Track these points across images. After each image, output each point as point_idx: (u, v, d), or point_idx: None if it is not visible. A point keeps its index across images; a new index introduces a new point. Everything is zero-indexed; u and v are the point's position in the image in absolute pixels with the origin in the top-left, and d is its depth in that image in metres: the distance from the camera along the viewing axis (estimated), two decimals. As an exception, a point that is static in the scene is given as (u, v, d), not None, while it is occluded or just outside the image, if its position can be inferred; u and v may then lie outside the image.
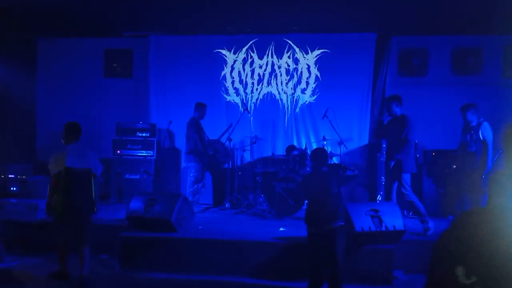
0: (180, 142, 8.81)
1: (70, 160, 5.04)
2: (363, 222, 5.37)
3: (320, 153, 5.28)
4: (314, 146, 8.63)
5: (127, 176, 8.50)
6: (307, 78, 8.91)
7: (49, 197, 5.10)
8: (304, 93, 8.93)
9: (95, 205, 5.30)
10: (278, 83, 8.99)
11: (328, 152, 6.79)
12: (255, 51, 9.00)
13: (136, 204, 6.07)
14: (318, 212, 4.89)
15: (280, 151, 8.83)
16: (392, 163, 6.42)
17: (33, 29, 8.93)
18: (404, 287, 5.30)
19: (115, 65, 9.38)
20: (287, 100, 8.98)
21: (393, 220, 5.45)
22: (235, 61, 9.06)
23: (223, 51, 9.07)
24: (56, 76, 9.48)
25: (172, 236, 5.88)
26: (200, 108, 8.04)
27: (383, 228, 5.39)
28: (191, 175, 7.96)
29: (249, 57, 9.02)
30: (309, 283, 4.92)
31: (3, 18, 8.14)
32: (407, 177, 6.42)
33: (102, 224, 6.48)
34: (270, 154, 8.70)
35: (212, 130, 8.38)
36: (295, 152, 7.68)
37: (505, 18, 7.22)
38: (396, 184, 6.46)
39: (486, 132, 6.89)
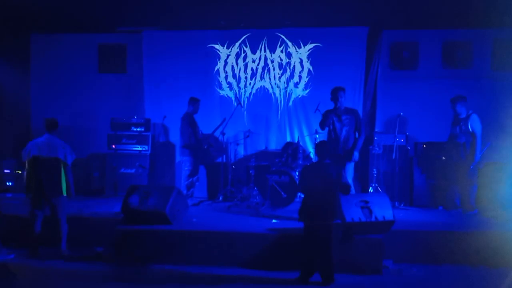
0: (175, 137, 8.90)
1: (36, 149, 5.92)
2: (353, 213, 5.48)
3: (325, 145, 5.41)
4: (307, 139, 8.73)
5: (122, 170, 8.58)
6: (300, 72, 9.00)
7: (26, 181, 6.00)
8: (297, 87, 9.02)
9: (68, 189, 6.03)
10: (271, 77, 9.07)
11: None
12: (248, 46, 9.07)
13: (131, 197, 6.16)
14: (318, 204, 5.00)
15: (273, 145, 8.94)
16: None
17: (26, 24, 8.97)
18: (393, 276, 5.40)
19: (109, 60, 9.42)
20: (280, 94, 9.06)
21: (383, 210, 5.57)
22: (228, 55, 9.13)
23: (216, 46, 9.14)
24: (50, 72, 9.51)
25: (166, 228, 5.97)
26: (194, 102, 8.13)
27: (373, 219, 5.50)
28: (186, 168, 8.06)
29: (242, 51, 9.10)
30: (301, 273, 5.04)
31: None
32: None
33: (98, 218, 6.60)
34: (264, 148, 8.80)
35: (206, 124, 8.47)
36: (293, 147, 7.79)
37: (494, 11, 7.34)
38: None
39: (475, 124, 7.02)
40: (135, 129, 8.73)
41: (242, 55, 9.09)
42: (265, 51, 9.03)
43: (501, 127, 7.83)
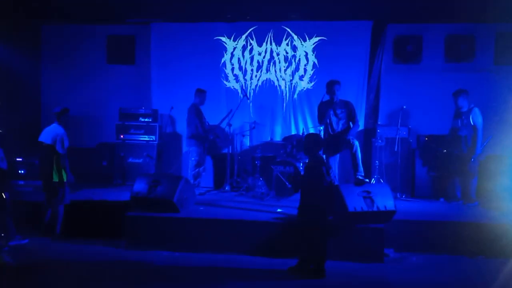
0: (182, 127, 9.05)
1: (41, 135, 6.44)
2: (355, 203, 5.63)
3: (314, 138, 5.42)
4: (312, 131, 8.85)
5: (130, 160, 8.77)
6: (305, 65, 9.11)
7: None
8: (302, 80, 9.13)
9: (57, 176, 6.25)
10: (276, 70, 9.18)
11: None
12: (254, 39, 9.17)
13: (140, 186, 6.34)
14: (317, 200, 5.06)
15: (279, 136, 9.06)
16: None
17: (37, 15, 9.08)
18: (394, 264, 5.58)
19: (118, 51, 9.54)
20: (286, 87, 9.19)
21: (384, 200, 5.72)
22: (234, 48, 9.25)
23: (223, 38, 9.26)
24: (60, 62, 9.65)
25: (174, 216, 6.17)
26: (200, 94, 8.27)
27: (375, 208, 5.65)
28: (193, 159, 8.22)
29: (248, 44, 9.20)
30: (301, 261, 5.15)
31: (8, 6, 8.32)
32: None
33: (107, 205, 6.78)
34: (269, 139, 8.93)
35: (213, 115, 8.62)
36: (297, 139, 7.95)
37: (497, 6, 7.44)
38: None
39: (476, 117, 7.14)
40: (143, 120, 8.90)
41: (248, 47, 9.20)
42: (271, 44, 9.13)
43: (502, 120, 7.97)
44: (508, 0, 7.25)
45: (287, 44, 9.10)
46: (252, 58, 9.22)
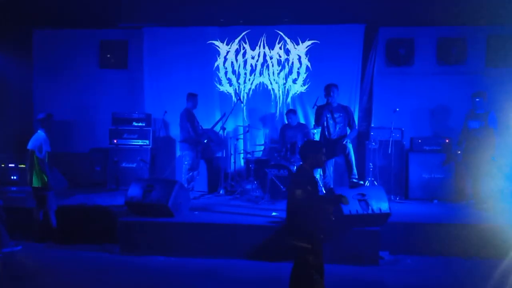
0: (175, 132, 9.02)
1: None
2: (350, 206, 5.60)
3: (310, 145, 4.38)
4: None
5: (123, 164, 8.74)
6: (298, 69, 9.13)
7: None
8: (295, 83, 9.16)
9: (37, 181, 6.29)
10: (270, 74, 9.20)
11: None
12: (247, 42, 9.19)
13: (134, 191, 6.31)
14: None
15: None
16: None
17: (28, 20, 9.04)
18: (389, 266, 5.59)
19: (110, 56, 9.53)
20: (279, 90, 9.20)
21: (379, 203, 5.73)
22: (228, 52, 9.26)
23: (216, 42, 9.27)
24: (52, 67, 9.61)
25: (169, 221, 6.15)
26: (192, 98, 8.24)
27: (370, 211, 5.66)
28: (186, 163, 8.19)
29: (241, 48, 9.22)
30: None
31: (-1, 10, 8.30)
32: None
33: (101, 210, 6.73)
34: (263, 142, 8.95)
35: (206, 119, 8.63)
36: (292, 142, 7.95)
37: (488, 8, 7.51)
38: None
39: (493, 121, 7.25)
40: (136, 124, 8.89)
41: (242, 51, 9.22)
42: (264, 47, 9.15)
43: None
44: (499, 3, 7.32)
45: (280, 48, 9.13)
46: (245, 62, 9.23)
